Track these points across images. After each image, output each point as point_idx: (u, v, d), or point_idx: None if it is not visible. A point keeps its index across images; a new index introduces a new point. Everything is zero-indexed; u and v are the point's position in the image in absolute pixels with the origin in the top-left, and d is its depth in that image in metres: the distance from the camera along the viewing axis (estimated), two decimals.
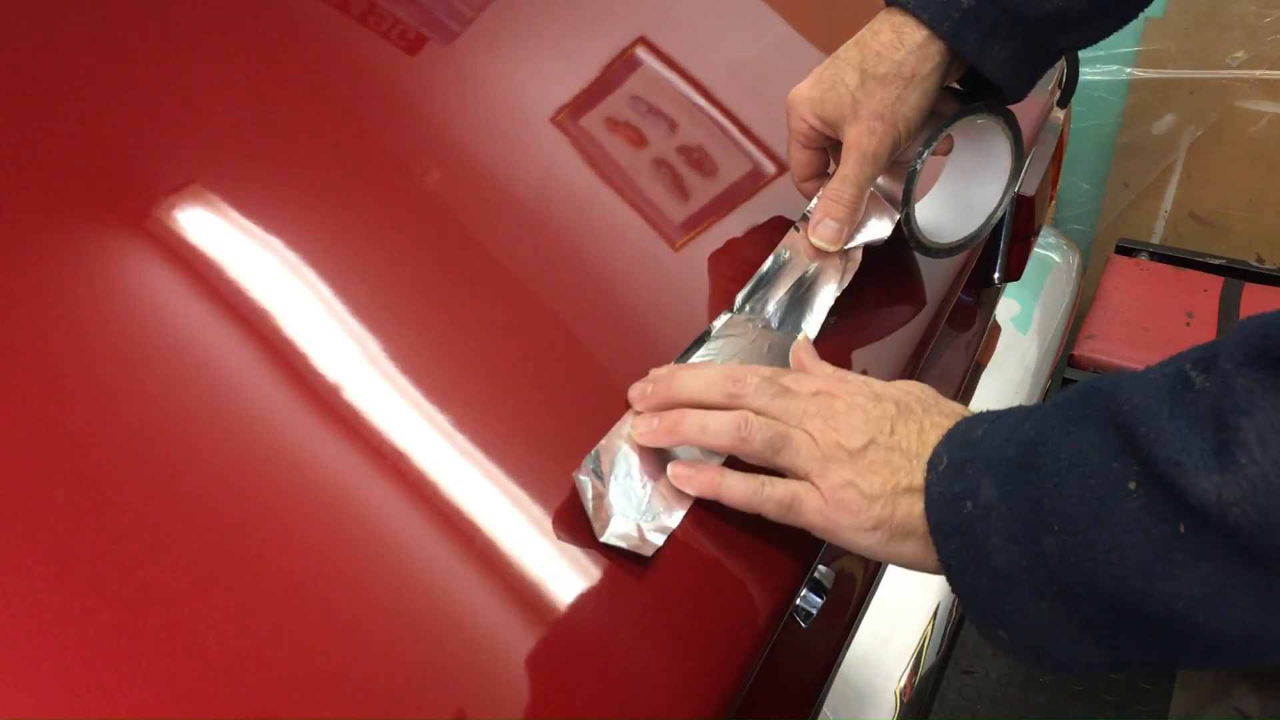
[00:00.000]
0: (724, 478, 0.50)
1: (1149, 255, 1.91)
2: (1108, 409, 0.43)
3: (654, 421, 0.52)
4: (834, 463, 0.50)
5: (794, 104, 0.67)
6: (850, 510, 0.49)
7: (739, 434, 0.50)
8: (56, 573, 0.37)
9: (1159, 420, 0.41)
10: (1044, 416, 0.46)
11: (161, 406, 0.44)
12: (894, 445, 0.50)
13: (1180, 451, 0.40)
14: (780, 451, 0.50)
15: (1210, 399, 0.40)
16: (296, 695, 0.38)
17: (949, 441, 0.49)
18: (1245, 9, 1.78)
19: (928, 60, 0.63)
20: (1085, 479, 0.42)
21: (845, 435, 0.50)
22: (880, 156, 0.64)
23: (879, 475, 0.49)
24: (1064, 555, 0.43)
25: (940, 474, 0.47)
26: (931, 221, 0.70)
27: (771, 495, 0.50)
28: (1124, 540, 0.41)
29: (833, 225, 0.66)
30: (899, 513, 0.48)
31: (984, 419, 0.49)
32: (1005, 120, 0.69)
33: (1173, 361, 0.43)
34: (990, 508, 0.45)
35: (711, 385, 0.52)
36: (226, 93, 0.59)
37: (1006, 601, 0.45)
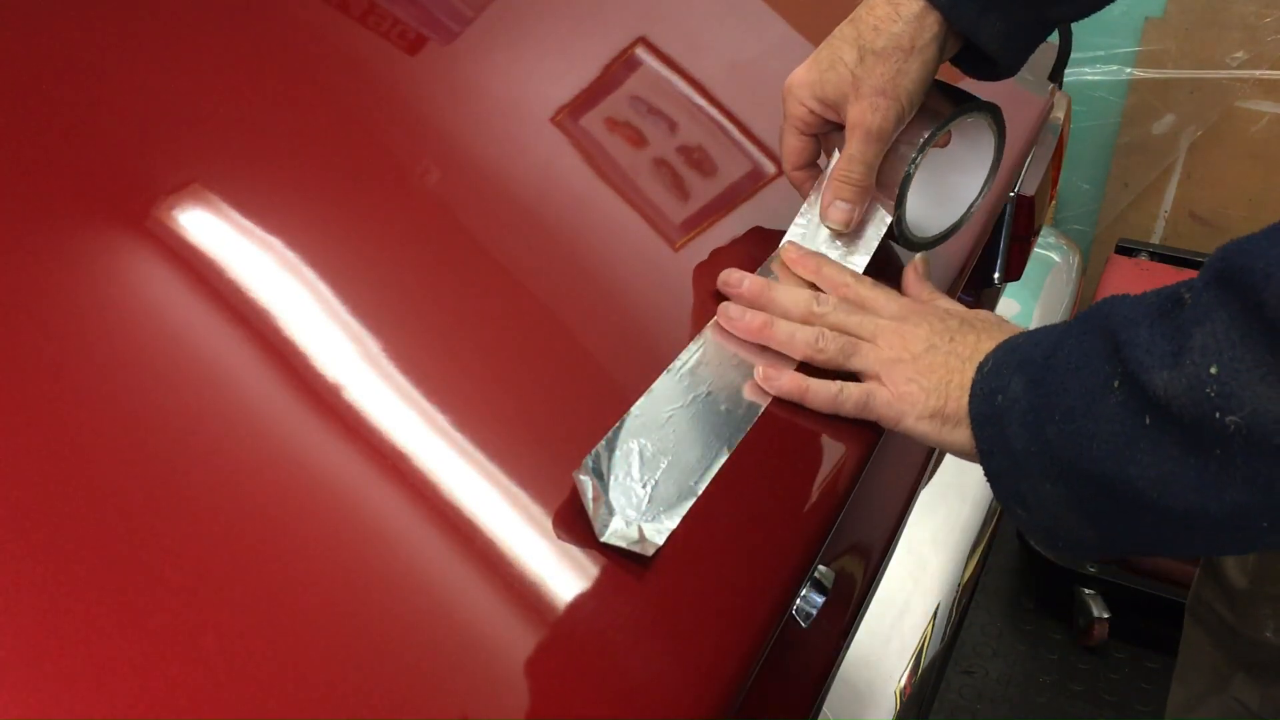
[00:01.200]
0: (809, 382, 0.58)
1: (1149, 255, 1.91)
2: (1109, 319, 0.50)
3: (745, 315, 0.60)
4: (899, 364, 0.58)
5: (792, 88, 0.66)
6: (911, 401, 0.57)
7: (816, 345, 0.59)
8: (56, 572, 0.37)
9: (1139, 329, 0.48)
10: (1067, 327, 0.53)
11: (162, 406, 0.44)
12: (952, 350, 0.58)
13: (1146, 353, 0.47)
14: (851, 357, 0.59)
15: (1190, 313, 0.46)
16: (297, 695, 0.38)
17: (997, 349, 0.56)
18: (1245, 9, 1.79)
19: (925, 31, 0.63)
20: (1084, 377, 0.50)
21: (910, 343, 0.59)
22: (885, 132, 0.64)
23: (936, 373, 0.57)
24: (1062, 441, 0.50)
25: (984, 374, 0.55)
26: (913, 213, 0.70)
27: (850, 395, 0.58)
28: (1104, 429, 0.48)
29: (844, 206, 0.66)
30: (950, 404, 0.56)
31: (1027, 332, 0.57)
32: (992, 115, 0.70)
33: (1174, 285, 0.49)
34: (1015, 400, 0.52)
35: (797, 302, 0.61)
36: (226, 93, 0.59)
37: (1022, 481, 0.52)
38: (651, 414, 0.54)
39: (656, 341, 0.60)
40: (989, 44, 0.64)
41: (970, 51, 0.67)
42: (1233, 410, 0.44)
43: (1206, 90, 1.86)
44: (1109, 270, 1.86)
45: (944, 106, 0.67)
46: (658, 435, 0.53)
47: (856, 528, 0.70)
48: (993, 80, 0.70)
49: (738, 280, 0.62)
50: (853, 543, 0.70)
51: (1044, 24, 0.66)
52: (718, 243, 0.69)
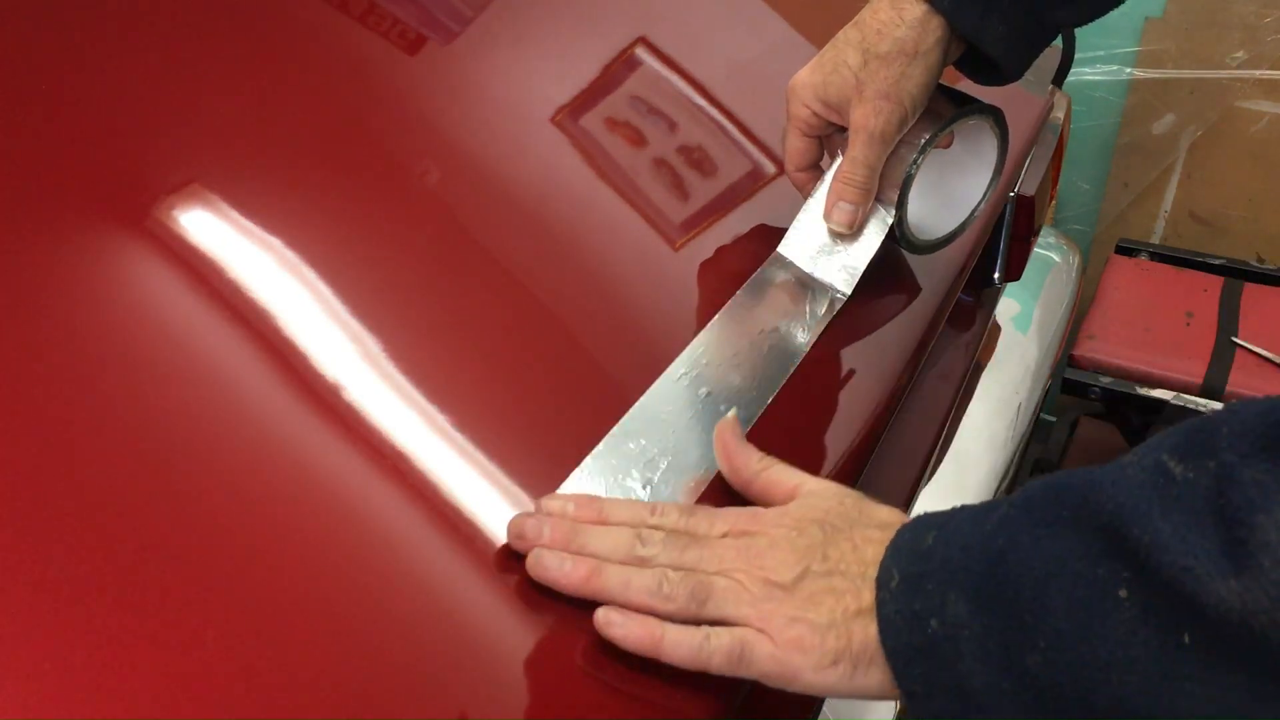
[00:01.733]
0: (665, 631, 0.44)
1: (1149, 255, 1.91)
2: (1084, 509, 0.40)
3: (567, 565, 0.45)
4: (770, 602, 0.44)
5: (795, 90, 0.66)
6: (804, 647, 0.43)
7: (660, 591, 0.44)
8: (56, 573, 0.37)
9: (1152, 519, 0.37)
10: (1006, 520, 0.42)
11: (162, 406, 0.44)
12: (831, 569, 0.45)
13: (1185, 555, 0.36)
14: (706, 602, 0.45)
15: (1201, 492, 0.37)
16: (298, 695, 0.38)
17: (895, 554, 0.44)
18: (1245, 9, 1.78)
19: (929, 35, 0.63)
20: (1069, 589, 0.39)
21: (775, 570, 0.45)
22: (889, 136, 0.64)
23: (824, 604, 0.44)
24: (1053, 676, 0.39)
25: (894, 591, 0.43)
26: (915, 216, 0.70)
27: (719, 647, 0.43)
28: (1121, 656, 0.38)
29: (847, 208, 0.66)
30: (855, 639, 0.43)
31: (928, 524, 0.44)
32: (994, 118, 0.70)
33: (1147, 453, 0.39)
34: (960, 625, 0.41)
35: (618, 546, 0.46)
36: (227, 92, 0.59)
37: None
38: (651, 414, 0.54)
39: (656, 341, 0.60)
40: (991, 48, 0.64)
41: (973, 55, 0.67)
42: None
43: (1206, 90, 1.86)
44: (1109, 270, 1.86)
45: (946, 109, 0.68)
46: (657, 436, 0.53)
47: None
48: (996, 85, 0.70)
49: (535, 530, 0.46)
50: None
51: (1046, 28, 0.66)
52: (718, 243, 0.69)
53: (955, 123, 0.67)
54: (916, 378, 0.71)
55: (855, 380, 0.65)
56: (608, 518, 0.47)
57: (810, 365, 0.61)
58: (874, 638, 0.43)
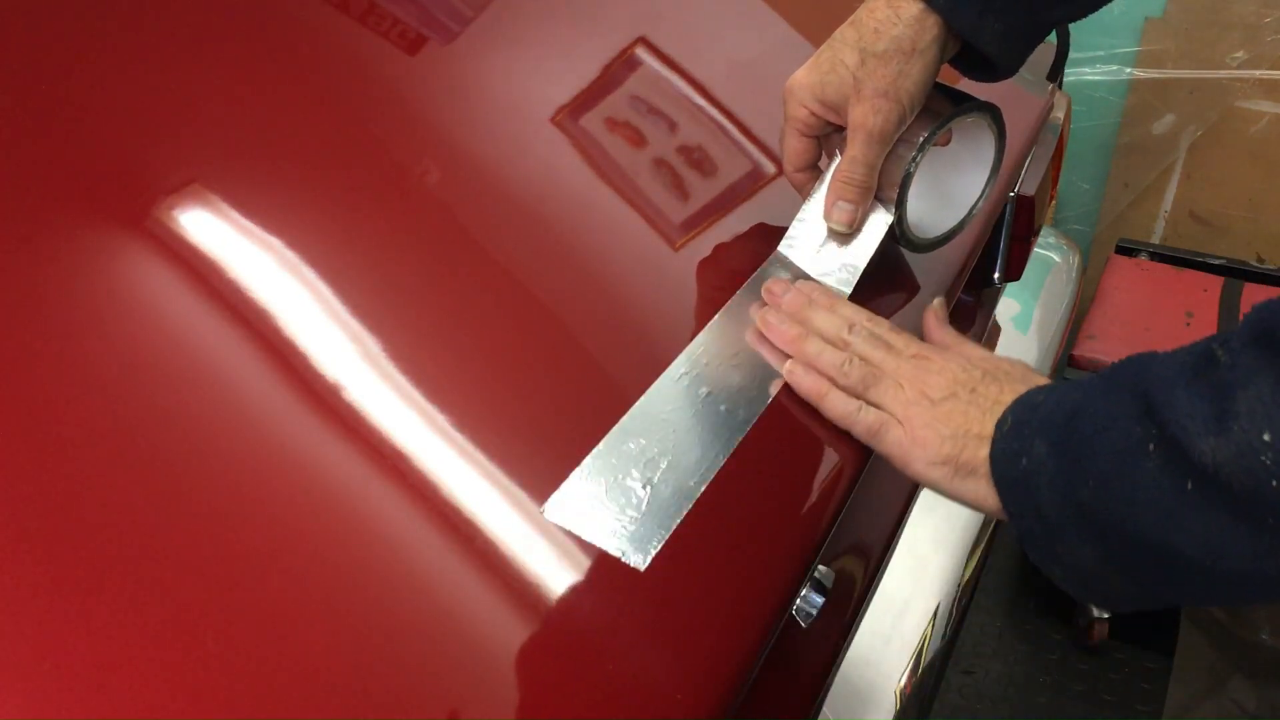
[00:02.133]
0: (830, 390, 0.58)
1: (1149, 255, 1.91)
2: (1138, 379, 0.49)
3: (785, 324, 0.61)
4: (917, 406, 0.57)
5: (792, 90, 0.67)
6: (923, 444, 0.56)
7: (841, 368, 0.58)
8: (56, 573, 0.37)
9: (1176, 389, 0.46)
10: (1089, 385, 0.52)
11: (162, 406, 0.44)
12: (972, 400, 0.56)
13: (1187, 416, 0.45)
14: (870, 388, 0.58)
15: (1226, 375, 0.45)
16: (299, 695, 0.38)
17: (1016, 405, 0.54)
18: (1245, 9, 1.78)
19: (926, 33, 0.63)
20: (1114, 440, 0.48)
21: (931, 388, 0.57)
22: (887, 134, 0.64)
23: (954, 420, 0.56)
24: (1097, 506, 0.48)
25: (1004, 433, 0.54)
26: (914, 214, 0.70)
27: (864, 419, 0.57)
28: (1143, 495, 0.46)
29: (847, 207, 0.67)
30: (965, 454, 0.55)
31: (1049, 388, 0.55)
32: (992, 116, 0.70)
33: (1204, 341, 0.47)
34: (1041, 463, 0.51)
35: (830, 326, 0.61)
36: (227, 93, 0.59)
37: (1057, 543, 0.51)
38: (651, 414, 0.54)
39: (656, 341, 0.60)
40: (987, 45, 0.64)
41: (969, 53, 0.67)
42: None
43: (1206, 90, 1.86)
44: (1109, 270, 1.86)
45: (944, 107, 0.68)
46: (657, 436, 0.53)
47: (856, 528, 0.70)
48: (991, 81, 0.70)
49: (781, 290, 0.63)
50: (853, 543, 0.70)
51: (1042, 25, 0.67)
52: (718, 243, 0.69)
53: (953, 120, 0.67)
54: None
55: None
56: (835, 307, 0.62)
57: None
58: (981, 459, 0.54)
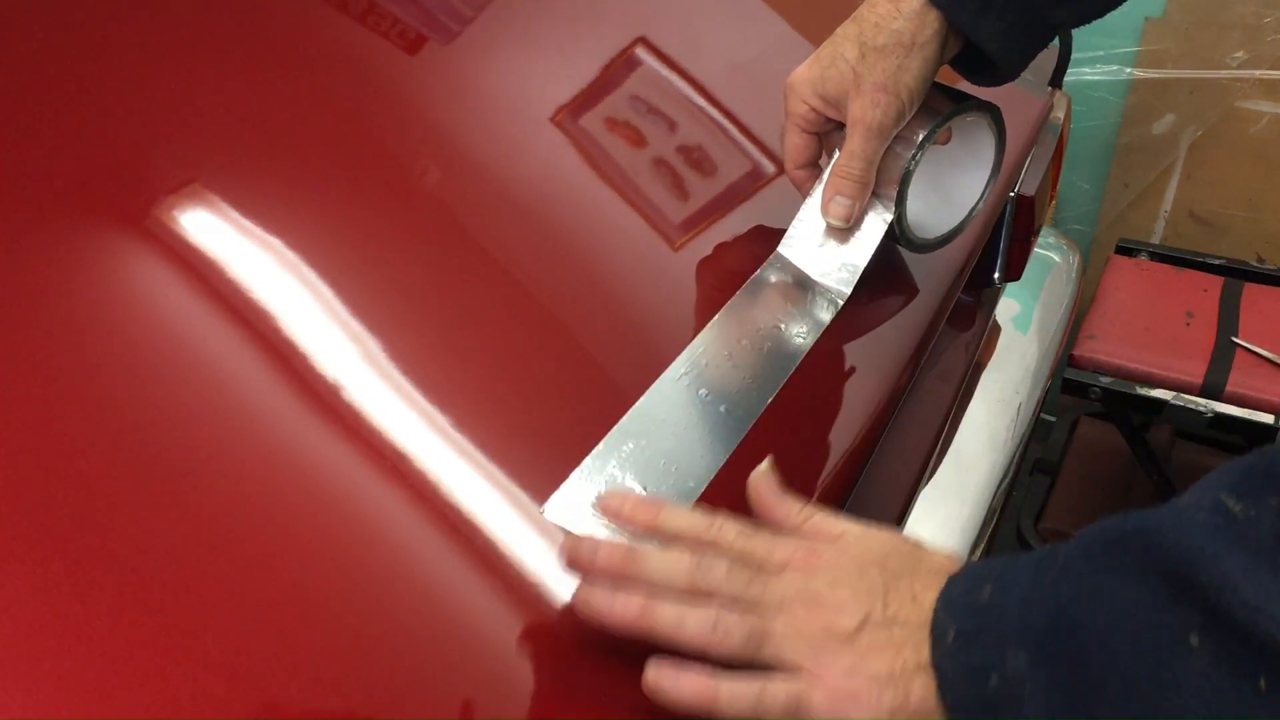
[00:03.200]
0: (719, 685, 0.43)
1: (1149, 255, 1.91)
2: (1148, 554, 0.39)
3: (616, 600, 0.44)
4: (827, 652, 0.43)
5: (793, 86, 0.66)
6: (861, 702, 0.42)
7: (714, 632, 0.44)
8: (56, 573, 0.37)
9: (1219, 561, 0.37)
10: (1066, 571, 0.41)
11: (162, 406, 0.44)
12: (891, 619, 0.44)
13: (1257, 594, 0.36)
14: (763, 646, 0.44)
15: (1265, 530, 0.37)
16: (298, 695, 0.38)
17: (950, 607, 0.43)
18: (1245, 9, 1.78)
19: (926, 28, 0.63)
20: (1136, 637, 0.38)
21: (834, 617, 0.44)
22: (886, 128, 0.64)
23: (883, 657, 0.43)
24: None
25: (951, 647, 0.42)
26: (915, 215, 0.70)
27: (776, 699, 0.43)
28: (1194, 702, 0.37)
29: (844, 202, 0.66)
30: (914, 695, 0.42)
31: (982, 575, 0.43)
32: (991, 115, 0.70)
33: (1204, 493, 0.39)
34: (1022, 680, 0.40)
35: (676, 572, 0.45)
36: (227, 92, 0.59)
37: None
38: (651, 415, 0.54)
39: (656, 342, 0.60)
40: (987, 44, 0.64)
41: (970, 54, 0.67)
42: None
43: (1206, 90, 1.86)
44: (1109, 270, 1.86)
45: (944, 106, 0.68)
46: (657, 436, 0.53)
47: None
48: (993, 85, 0.70)
49: (589, 553, 0.45)
50: None
51: (1044, 27, 0.66)
52: (718, 243, 0.69)
53: (952, 118, 0.67)
54: (916, 378, 0.71)
55: (855, 380, 0.65)
56: (663, 525, 0.47)
57: (810, 366, 0.61)
58: (933, 694, 0.42)
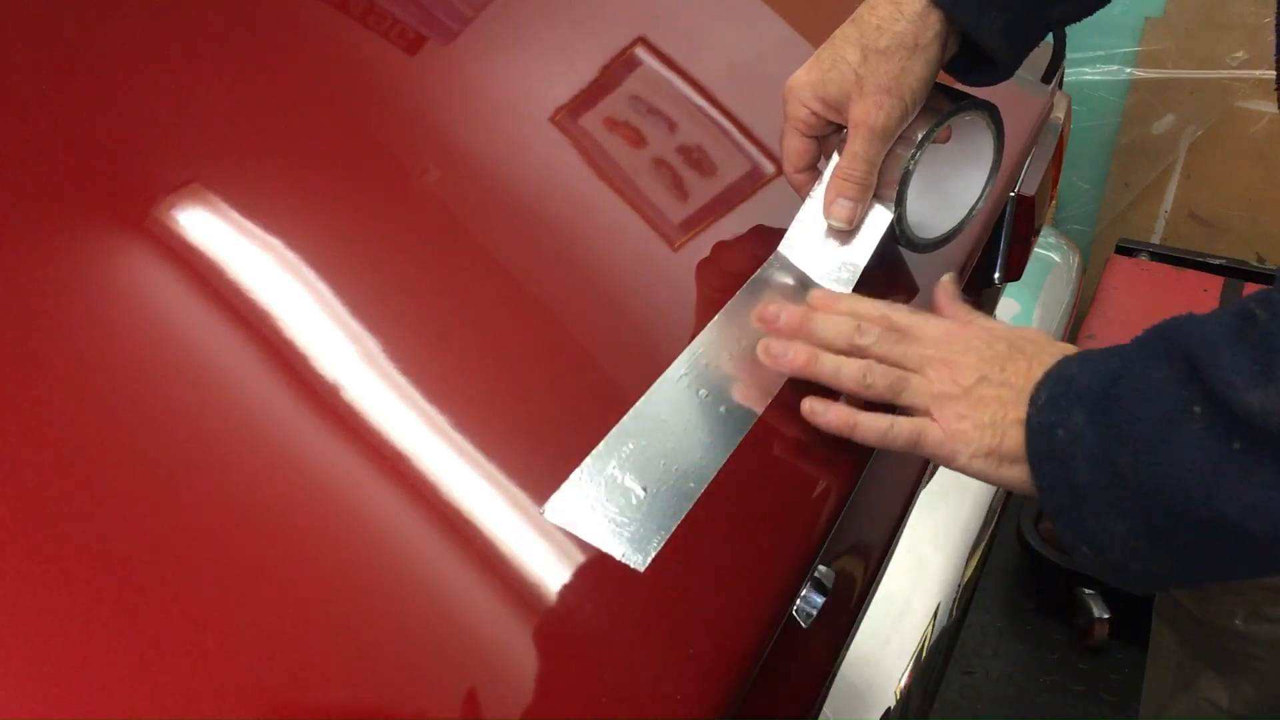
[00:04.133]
0: (858, 417, 0.56)
1: (1149, 255, 1.91)
2: (1177, 343, 0.48)
3: (789, 351, 0.58)
4: (949, 399, 0.55)
5: (793, 90, 0.66)
6: (964, 440, 0.54)
7: (864, 380, 0.56)
8: (56, 573, 0.37)
9: (1219, 349, 0.46)
10: (1126, 352, 0.51)
11: (162, 406, 0.44)
12: (1004, 381, 0.55)
13: (1233, 373, 0.44)
14: (900, 393, 0.56)
15: (1266, 330, 0.45)
16: (298, 696, 0.38)
17: (1048, 379, 0.53)
18: (1245, 9, 1.78)
19: (928, 29, 0.63)
20: (1157, 405, 0.47)
21: (960, 374, 0.56)
22: (889, 131, 0.64)
23: (989, 408, 0.54)
24: (1136, 473, 0.48)
25: (1039, 407, 0.52)
26: (914, 215, 0.70)
27: (901, 432, 0.56)
28: (1186, 457, 0.46)
29: (846, 204, 0.66)
30: (1006, 441, 0.53)
31: (1080, 357, 0.54)
32: (989, 114, 0.70)
33: (1241, 301, 0.47)
34: (1078, 434, 0.50)
35: (840, 333, 0.58)
36: (227, 92, 0.59)
37: (1090, 518, 0.50)
38: (651, 415, 0.54)
39: (657, 342, 0.60)
40: (989, 41, 0.64)
41: (966, 55, 0.67)
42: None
43: (1206, 90, 1.86)
44: (1109, 270, 1.86)
45: (942, 105, 0.68)
46: (657, 437, 0.53)
47: (856, 528, 0.70)
48: (988, 84, 0.70)
49: (774, 314, 0.60)
50: (853, 543, 0.70)
51: (1042, 23, 0.67)
52: (718, 243, 0.68)
53: (951, 118, 0.67)
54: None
55: None
56: (837, 307, 0.60)
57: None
58: (1021, 442, 0.53)
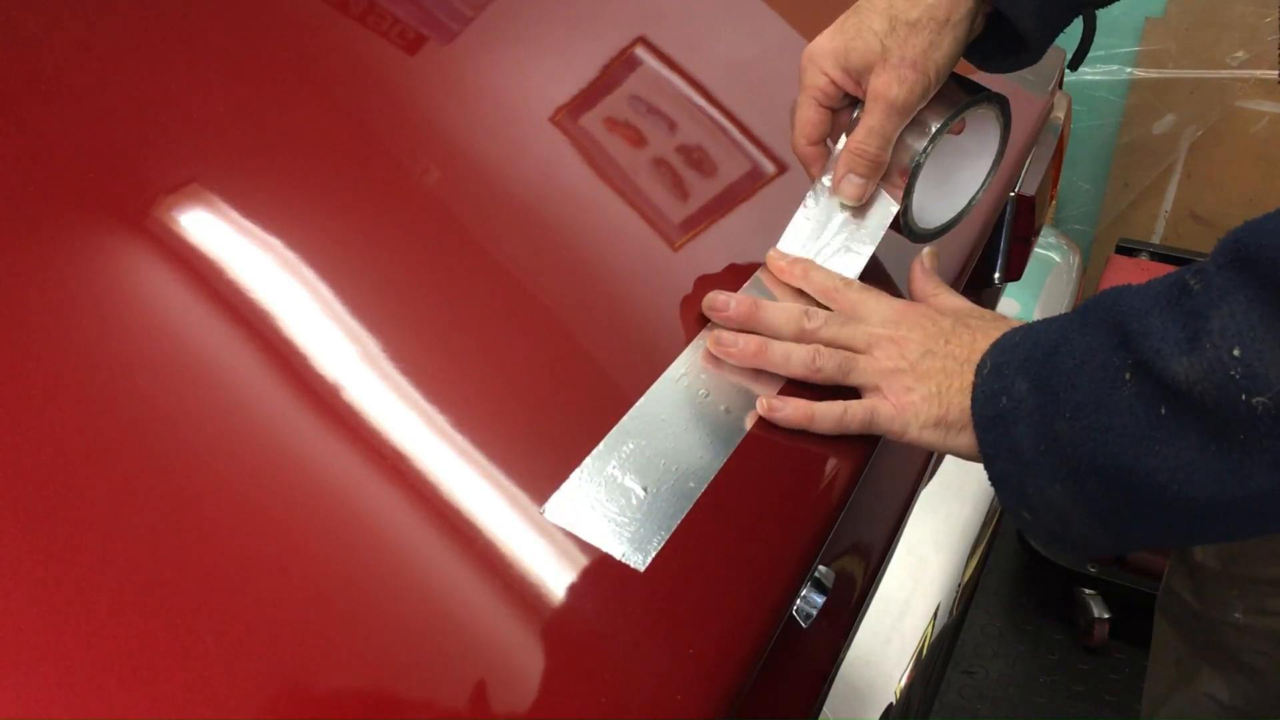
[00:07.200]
0: (814, 408, 0.57)
1: (1149, 255, 1.91)
2: (1111, 311, 0.49)
3: (739, 342, 0.59)
4: (896, 374, 0.57)
5: (814, 56, 0.63)
6: (913, 411, 0.56)
7: (813, 365, 0.58)
8: (56, 574, 0.37)
9: (1149, 317, 0.47)
10: (1066, 321, 0.52)
11: (162, 406, 0.44)
12: (949, 354, 0.57)
13: (1160, 340, 0.46)
14: (849, 373, 0.58)
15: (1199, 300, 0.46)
16: (297, 696, 0.38)
17: (993, 349, 0.55)
18: (1245, 9, 1.78)
19: (961, 5, 0.61)
20: (1092, 372, 0.49)
21: (906, 349, 0.58)
22: (910, 107, 0.62)
23: (934, 379, 0.56)
24: (1072, 438, 0.49)
25: (984, 376, 0.54)
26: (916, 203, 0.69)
27: (855, 415, 0.57)
28: (1117, 422, 0.47)
29: (857, 181, 0.64)
30: (952, 410, 0.55)
31: (1025, 328, 0.55)
32: (1000, 107, 0.69)
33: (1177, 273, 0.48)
34: (1020, 400, 0.52)
35: (789, 320, 0.60)
36: (227, 92, 0.59)
37: (1029, 484, 0.52)
38: (651, 415, 0.54)
39: (656, 342, 0.60)
40: (1022, 21, 0.62)
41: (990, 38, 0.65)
42: (1259, 391, 0.43)
43: (1206, 90, 1.86)
44: (1109, 270, 1.86)
45: (956, 94, 0.66)
46: (657, 437, 0.53)
47: (856, 528, 0.70)
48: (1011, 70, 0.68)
49: (724, 304, 0.60)
50: (853, 543, 0.70)
51: (1072, 6, 0.65)
52: (718, 242, 0.68)
53: (967, 109, 0.66)
54: None
55: None
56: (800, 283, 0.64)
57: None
58: (966, 409, 0.55)
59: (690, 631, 0.47)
